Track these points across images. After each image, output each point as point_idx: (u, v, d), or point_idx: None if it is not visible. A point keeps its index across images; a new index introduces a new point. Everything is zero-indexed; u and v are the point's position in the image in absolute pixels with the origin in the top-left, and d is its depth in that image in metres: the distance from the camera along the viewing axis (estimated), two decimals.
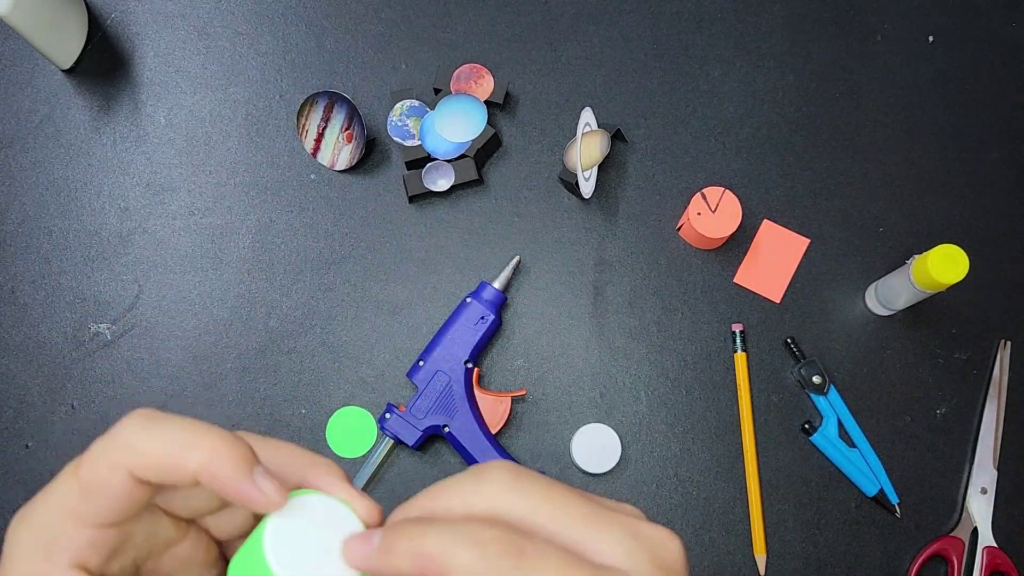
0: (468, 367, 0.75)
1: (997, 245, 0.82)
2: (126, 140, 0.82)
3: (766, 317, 0.80)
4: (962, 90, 0.85)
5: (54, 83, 0.83)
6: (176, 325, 0.79)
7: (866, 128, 0.84)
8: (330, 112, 0.80)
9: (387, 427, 0.74)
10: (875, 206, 0.82)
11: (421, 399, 0.75)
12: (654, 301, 0.80)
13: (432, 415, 0.74)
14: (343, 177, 0.82)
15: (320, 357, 0.79)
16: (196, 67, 0.84)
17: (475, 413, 0.75)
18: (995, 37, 0.86)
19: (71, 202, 0.81)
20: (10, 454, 0.77)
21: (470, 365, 0.76)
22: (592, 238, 0.81)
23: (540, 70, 0.84)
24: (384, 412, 0.75)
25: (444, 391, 0.75)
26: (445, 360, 0.75)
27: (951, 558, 0.76)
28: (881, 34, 0.85)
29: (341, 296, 0.80)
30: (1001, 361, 0.79)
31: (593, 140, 0.77)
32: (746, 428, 0.77)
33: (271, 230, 0.81)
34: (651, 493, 0.77)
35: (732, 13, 0.85)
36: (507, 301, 0.79)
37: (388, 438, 0.76)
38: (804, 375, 0.78)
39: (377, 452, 0.76)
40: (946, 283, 0.69)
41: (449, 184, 0.80)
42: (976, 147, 0.84)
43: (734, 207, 0.77)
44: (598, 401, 0.78)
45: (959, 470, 0.78)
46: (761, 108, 0.84)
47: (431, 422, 0.74)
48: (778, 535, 0.77)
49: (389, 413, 0.75)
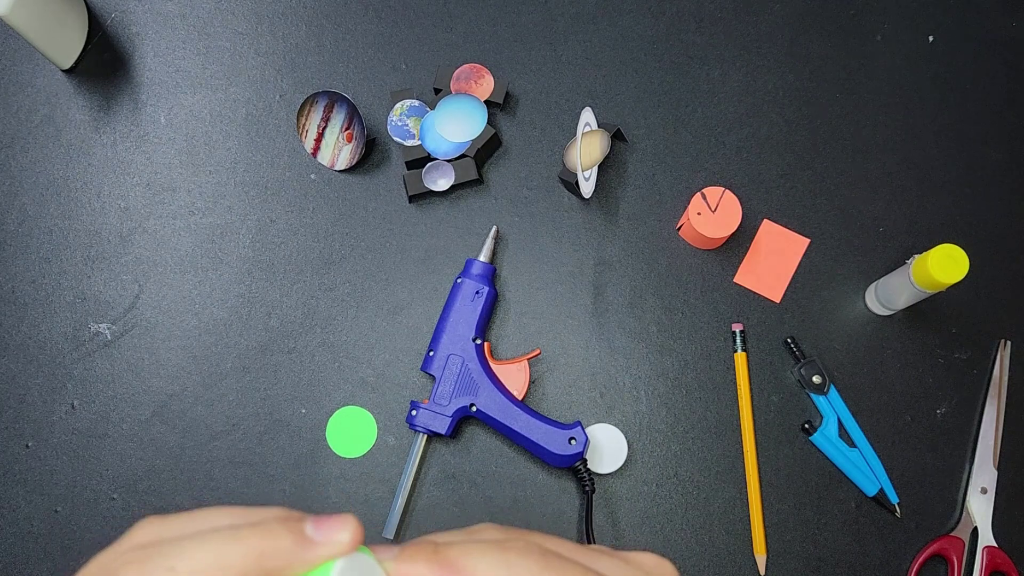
0: (477, 343, 0.76)
1: (997, 245, 0.82)
2: (126, 140, 0.82)
3: (766, 317, 0.80)
4: (962, 90, 0.85)
5: (54, 83, 0.83)
6: (176, 325, 0.79)
7: (866, 128, 0.84)
8: (330, 112, 0.80)
9: (417, 423, 0.75)
10: (875, 206, 0.82)
11: (441, 386, 0.75)
12: (654, 301, 0.80)
13: (456, 398, 0.75)
14: (343, 177, 0.82)
15: (320, 357, 0.79)
16: (196, 67, 0.84)
17: (497, 385, 0.75)
18: (995, 37, 0.86)
19: (71, 202, 0.81)
20: (10, 454, 0.77)
21: (479, 341, 0.76)
22: (592, 238, 0.81)
23: (540, 70, 0.84)
24: (410, 410, 0.75)
25: (461, 372, 0.75)
26: (454, 343, 0.76)
27: (951, 558, 0.76)
28: (881, 34, 0.85)
29: (341, 296, 0.80)
30: (1001, 361, 0.79)
31: (593, 140, 0.77)
32: (746, 428, 0.77)
33: (271, 230, 0.81)
34: (651, 493, 0.77)
35: (732, 13, 0.85)
36: (497, 271, 0.79)
37: (420, 434, 0.76)
38: (804, 375, 0.78)
39: (413, 452, 0.76)
40: (946, 283, 0.69)
41: (449, 184, 0.80)
42: (976, 147, 0.84)
43: (734, 207, 0.77)
44: (598, 401, 0.78)
45: (959, 470, 0.78)
46: (761, 108, 0.84)
47: (457, 405, 0.74)
48: (778, 535, 0.77)
49: (415, 409, 0.75)
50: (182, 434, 0.77)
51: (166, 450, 0.77)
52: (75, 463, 0.77)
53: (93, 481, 0.76)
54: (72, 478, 0.76)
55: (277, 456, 0.77)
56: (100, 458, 0.77)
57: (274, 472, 0.77)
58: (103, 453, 0.77)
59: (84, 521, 0.76)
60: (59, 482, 0.76)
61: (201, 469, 0.77)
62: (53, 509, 0.76)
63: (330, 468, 0.77)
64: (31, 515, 0.76)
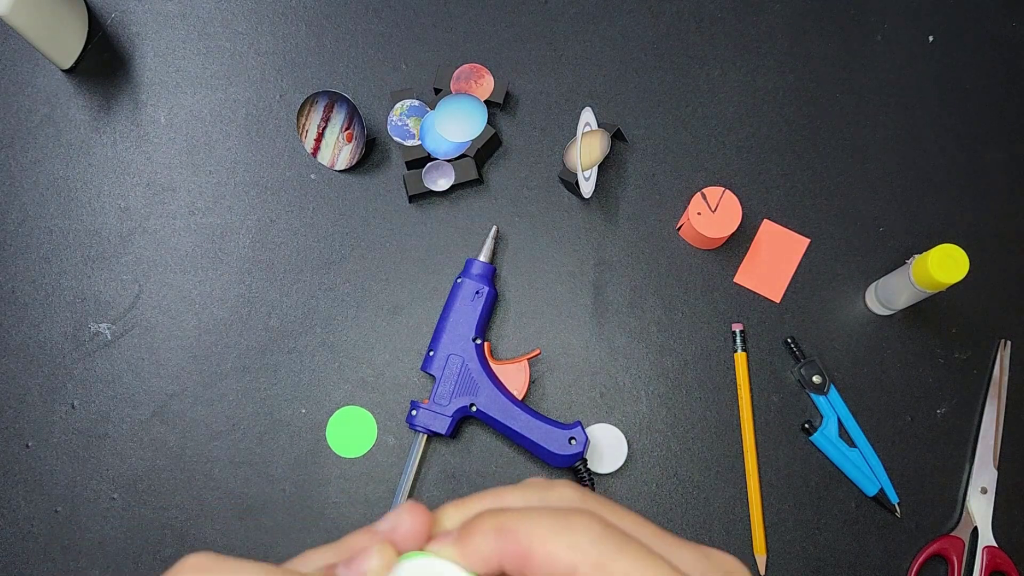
0: (477, 343, 0.76)
1: (997, 245, 0.82)
2: (126, 140, 0.82)
3: (766, 317, 0.80)
4: (962, 90, 0.85)
5: (54, 83, 0.83)
6: (176, 325, 0.79)
7: (866, 128, 0.84)
8: (330, 112, 0.80)
9: (416, 423, 0.75)
10: (875, 206, 0.82)
11: (441, 386, 0.75)
12: (654, 301, 0.80)
13: (456, 398, 0.75)
14: (343, 177, 0.82)
15: (320, 357, 0.79)
16: (196, 67, 0.84)
17: (497, 385, 0.75)
18: (995, 37, 0.86)
19: (71, 202, 0.81)
20: (10, 454, 0.77)
21: (479, 341, 0.76)
22: (592, 238, 0.81)
23: (540, 70, 0.84)
24: (410, 410, 0.75)
25: (461, 372, 0.75)
26: (454, 342, 0.76)
27: (951, 558, 0.76)
28: (881, 34, 0.85)
29: (341, 296, 0.80)
30: (1001, 361, 0.79)
31: (593, 140, 0.77)
32: (746, 428, 0.77)
33: (271, 230, 0.81)
34: (651, 493, 0.77)
35: (732, 13, 0.85)
36: (496, 271, 0.79)
37: (420, 434, 0.76)
38: (804, 375, 0.78)
39: (413, 452, 0.76)
40: (946, 283, 0.69)
41: (449, 184, 0.80)
42: (976, 147, 0.84)
43: (734, 207, 0.77)
44: (598, 401, 0.78)
45: (959, 470, 0.78)
46: (761, 108, 0.84)
47: (457, 405, 0.75)
48: (778, 535, 0.77)
49: (415, 409, 0.75)
50: (182, 434, 0.77)
51: (166, 450, 0.77)
52: (75, 463, 0.77)
53: (93, 481, 0.76)
54: (72, 478, 0.76)
55: (277, 456, 0.77)
56: (100, 458, 0.77)
57: (274, 472, 0.77)
58: (103, 453, 0.77)
59: (84, 521, 0.76)
60: (59, 482, 0.76)
61: (201, 469, 0.77)
62: (53, 509, 0.76)
63: (330, 468, 0.77)
64: (31, 515, 0.76)
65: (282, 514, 0.76)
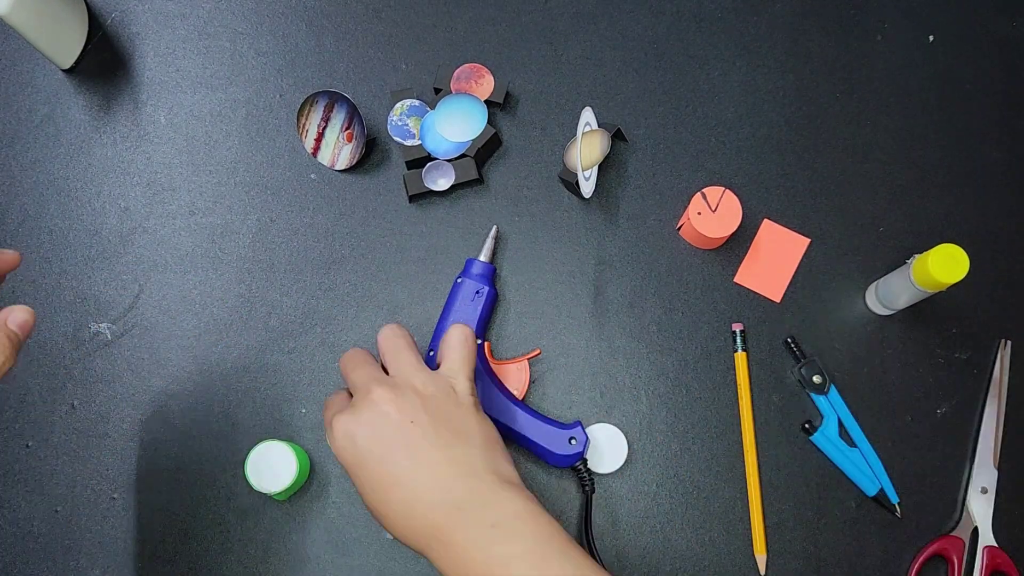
0: (477, 343, 0.76)
1: (997, 245, 0.82)
2: (126, 140, 0.82)
3: (766, 317, 0.80)
4: (962, 90, 0.85)
5: (54, 83, 0.83)
6: (176, 325, 0.79)
7: (866, 128, 0.84)
8: (330, 112, 0.80)
9: None
10: (875, 206, 0.82)
11: None
12: (654, 301, 0.80)
13: None
14: (343, 177, 0.82)
15: (320, 357, 0.79)
16: (196, 67, 0.84)
17: (497, 384, 0.75)
18: (995, 37, 0.86)
19: (71, 202, 0.81)
20: (10, 454, 0.77)
21: (479, 341, 0.76)
22: (592, 238, 0.81)
23: (540, 70, 0.84)
24: None
25: None
26: None
27: (951, 558, 0.76)
28: (881, 34, 0.85)
29: (341, 296, 0.80)
30: (1001, 361, 0.79)
31: (593, 140, 0.77)
32: (746, 428, 0.77)
33: (271, 230, 0.81)
34: (651, 493, 0.77)
35: (732, 13, 0.85)
36: (497, 271, 0.79)
37: None
38: (804, 375, 0.78)
39: None
40: (946, 283, 0.69)
41: (449, 184, 0.80)
42: (976, 147, 0.84)
43: (734, 207, 0.77)
44: (598, 401, 0.78)
45: (959, 470, 0.78)
46: (761, 108, 0.84)
47: None
48: (778, 535, 0.77)
49: None
50: (182, 434, 0.77)
51: (166, 450, 0.77)
52: (75, 463, 0.77)
53: (93, 481, 0.76)
54: (72, 478, 0.76)
55: None
56: (100, 458, 0.77)
57: None
58: (103, 453, 0.77)
59: (84, 521, 0.76)
60: (59, 482, 0.76)
61: (201, 469, 0.77)
62: (53, 509, 0.76)
63: (331, 468, 0.77)
64: (31, 515, 0.76)
65: (282, 514, 0.76)
